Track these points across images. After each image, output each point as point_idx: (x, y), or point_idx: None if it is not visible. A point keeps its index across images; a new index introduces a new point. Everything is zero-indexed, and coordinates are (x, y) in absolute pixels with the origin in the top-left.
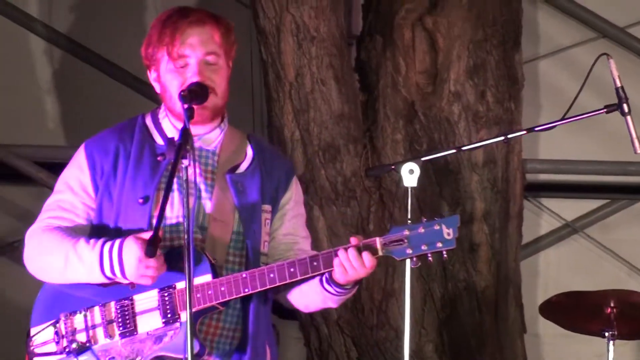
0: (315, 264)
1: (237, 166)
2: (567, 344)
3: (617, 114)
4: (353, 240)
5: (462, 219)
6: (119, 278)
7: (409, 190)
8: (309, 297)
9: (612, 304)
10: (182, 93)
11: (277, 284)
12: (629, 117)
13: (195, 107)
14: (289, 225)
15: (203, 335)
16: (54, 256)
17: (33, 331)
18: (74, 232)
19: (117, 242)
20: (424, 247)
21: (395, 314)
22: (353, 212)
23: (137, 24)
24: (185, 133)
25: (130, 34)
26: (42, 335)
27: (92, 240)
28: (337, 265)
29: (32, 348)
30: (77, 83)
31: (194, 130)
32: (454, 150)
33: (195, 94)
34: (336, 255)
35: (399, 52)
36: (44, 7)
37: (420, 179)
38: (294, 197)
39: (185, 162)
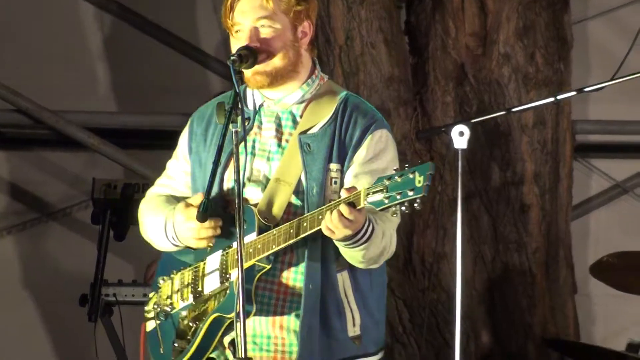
0: (322, 217)
1: (313, 127)
2: (617, 304)
3: None
4: (344, 192)
5: (513, 181)
6: (180, 243)
7: (459, 152)
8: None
9: None
10: (231, 58)
11: (295, 239)
12: None
13: (248, 71)
14: (354, 181)
15: (264, 293)
16: (149, 224)
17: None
18: (169, 200)
19: (176, 207)
20: (398, 196)
21: (446, 276)
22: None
23: None
24: (235, 98)
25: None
26: (150, 302)
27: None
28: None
29: (146, 313)
30: (128, 49)
31: (272, 94)
32: (503, 112)
33: (244, 58)
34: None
35: (449, 15)
36: None
37: (470, 141)
38: (366, 153)
39: (234, 127)
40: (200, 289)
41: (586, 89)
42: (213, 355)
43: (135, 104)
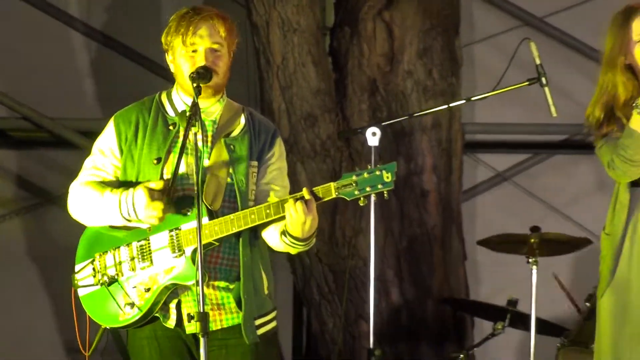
0: (285, 204)
1: (232, 132)
2: (499, 269)
3: (537, 85)
4: (305, 190)
5: (415, 171)
6: (134, 218)
7: (372, 149)
8: (274, 240)
9: (532, 240)
10: (191, 75)
11: (258, 223)
12: (546, 88)
13: (201, 85)
14: (270, 176)
15: (206, 264)
16: (88, 204)
17: (77, 267)
18: (103, 184)
19: (131, 189)
20: (368, 189)
21: (362, 247)
22: (328, 167)
23: (156, 21)
24: (194, 106)
25: (151, 29)
26: (84, 271)
27: (115, 189)
28: (287, 214)
29: (76, 281)
30: (110, 68)
31: (201, 103)
32: (407, 117)
33: (201, 75)
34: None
35: (363, 40)
36: (82, 8)
37: (381, 140)
38: (275, 154)
39: (193, 129)
40: (148, 262)
41: (473, 98)
42: (157, 314)
43: (115, 112)
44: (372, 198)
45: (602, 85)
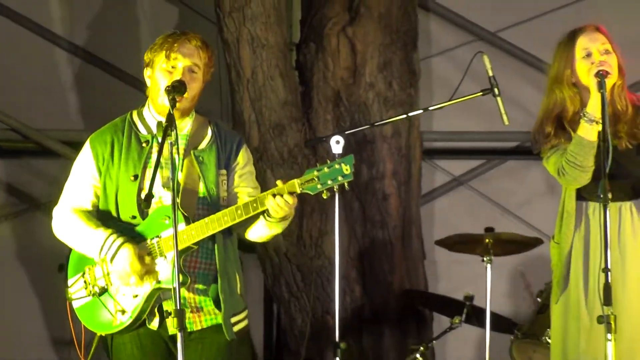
0: (255, 204)
1: (199, 144)
2: (455, 267)
3: (490, 95)
4: (279, 184)
5: (377, 176)
6: (107, 263)
7: (336, 156)
8: (260, 230)
9: (487, 240)
10: (167, 88)
11: (231, 223)
12: (499, 98)
13: (175, 98)
14: (239, 180)
15: (187, 269)
16: (73, 237)
17: (70, 282)
18: (90, 215)
19: (119, 240)
20: (329, 182)
21: (328, 248)
22: (296, 173)
23: (134, 39)
24: (169, 118)
25: (130, 47)
26: (77, 284)
27: (101, 227)
28: (269, 207)
29: (70, 294)
30: (91, 83)
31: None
32: (369, 126)
33: (177, 89)
34: (267, 199)
35: (328, 55)
36: (66, 27)
37: (344, 148)
38: (242, 161)
39: (169, 138)
40: None
41: (430, 108)
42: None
43: (98, 124)
44: (337, 201)
45: (550, 103)
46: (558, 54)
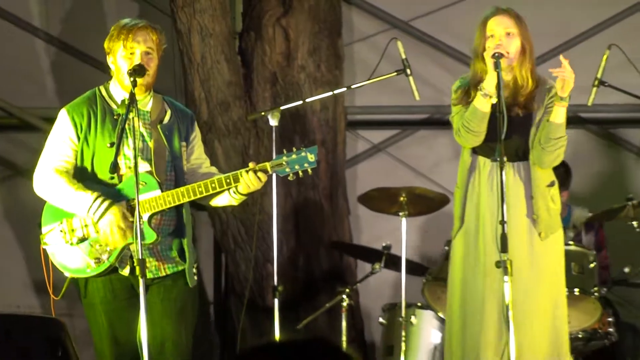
0: (228, 180)
1: (163, 119)
2: (376, 221)
3: (403, 75)
4: (251, 165)
5: (307, 145)
6: (92, 217)
7: (273, 128)
8: (222, 200)
9: (403, 195)
10: (129, 71)
11: (205, 194)
12: (410, 78)
13: (137, 80)
14: (197, 152)
15: (153, 225)
16: (57, 196)
17: (44, 230)
18: (71, 176)
19: (107, 203)
20: (297, 167)
21: (268, 205)
22: (239, 143)
23: (102, 32)
24: (132, 96)
25: (98, 37)
26: (53, 232)
27: (88, 189)
28: (243, 182)
29: (44, 239)
30: (65, 68)
31: (138, 97)
32: (301, 102)
33: (137, 71)
34: (242, 175)
35: (265, 42)
36: (43, 20)
37: (280, 121)
38: (197, 135)
39: (131, 114)
40: None
41: (352, 86)
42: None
43: (71, 101)
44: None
45: (472, 72)
46: (477, 32)
